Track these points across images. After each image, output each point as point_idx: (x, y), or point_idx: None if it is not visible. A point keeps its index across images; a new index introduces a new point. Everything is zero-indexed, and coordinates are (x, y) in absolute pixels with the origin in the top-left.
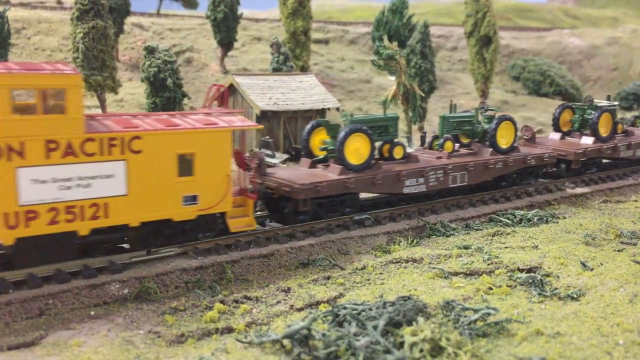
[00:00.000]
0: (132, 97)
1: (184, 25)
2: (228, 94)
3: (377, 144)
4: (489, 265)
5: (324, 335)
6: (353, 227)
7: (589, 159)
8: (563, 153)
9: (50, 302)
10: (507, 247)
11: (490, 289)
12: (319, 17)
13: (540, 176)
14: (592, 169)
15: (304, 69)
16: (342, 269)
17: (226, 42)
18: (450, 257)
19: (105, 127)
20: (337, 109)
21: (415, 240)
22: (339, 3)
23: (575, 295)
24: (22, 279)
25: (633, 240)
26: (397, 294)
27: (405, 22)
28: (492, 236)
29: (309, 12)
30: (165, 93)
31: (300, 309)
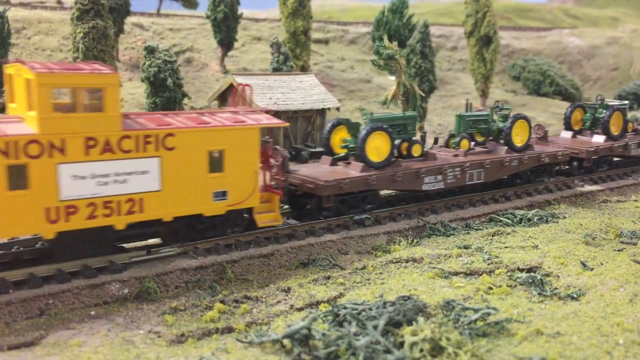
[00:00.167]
0: (132, 97)
1: (184, 25)
2: (252, 91)
3: (396, 142)
4: (489, 265)
5: (324, 335)
6: (353, 227)
7: (601, 157)
8: (575, 151)
9: (51, 302)
10: (507, 247)
11: (491, 288)
12: (319, 17)
13: (554, 174)
14: (603, 167)
15: (304, 69)
16: (342, 268)
17: (226, 42)
18: (450, 256)
19: (140, 125)
20: (337, 109)
21: (415, 240)
22: (339, 3)
23: (575, 295)
24: (22, 279)
25: (633, 240)
26: (397, 294)
27: (405, 22)
28: (492, 236)
29: (309, 12)
30: (166, 93)
31: (300, 309)
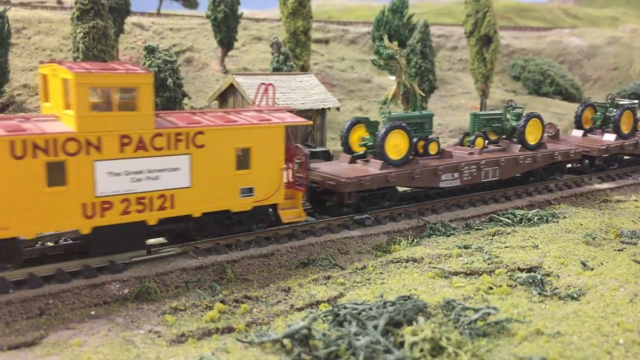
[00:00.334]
0: None
1: (184, 25)
2: (275, 91)
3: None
4: (489, 264)
5: (324, 335)
6: (353, 226)
7: (612, 155)
8: (587, 149)
9: (51, 301)
10: (507, 247)
11: (491, 288)
12: (319, 16)
13: (566, 172)
14: (614, 165)
15: (304, 69)
16: (343, 268)
17: (226, 41)
18: (450, 256)
19: (171, 123)
20: (337, 108)
21: (415, 240)
22: (339, 3)
23: (575, 295)
24: (22, 279)
25: (633, 239)
26: (398, 294)
27: (405, 21)
28: (493, 236)
29: (309, 12)
30: (166, 93)
31: (300, 309)
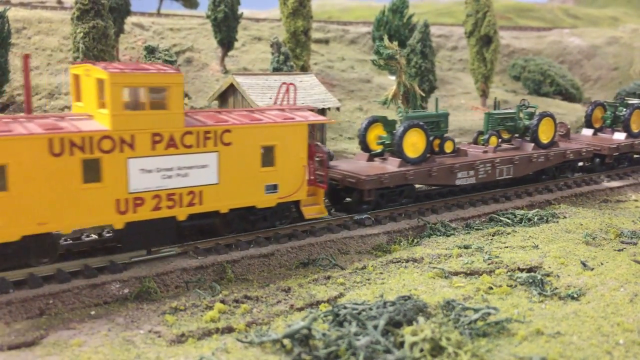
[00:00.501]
0: None
1: (184, 25)
2: (296, 90)
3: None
4: (489, 264)
5: (324, 335)
6: (353, 226)
7: (622, 154)
8: (598, 148)
9: (51, 301)
10: (507, 247)
11: (491, 288)
12: (319, 16)
13: (577, 170)
14: (624, 163)
15: (304, 69)
16: (343, 268)
17: (226, 41)
18: (450, 256)
19: (199, 122)
20: (337, 108)
21: (415, 240)
22: (339, 3)
23: (575, 295)
24: (22, 279)
25: (633, 239)
26: (398, 294)
27: (405, 21)
28: (493, 236)
29: (309, 12)
30: None
31: (300, 309)
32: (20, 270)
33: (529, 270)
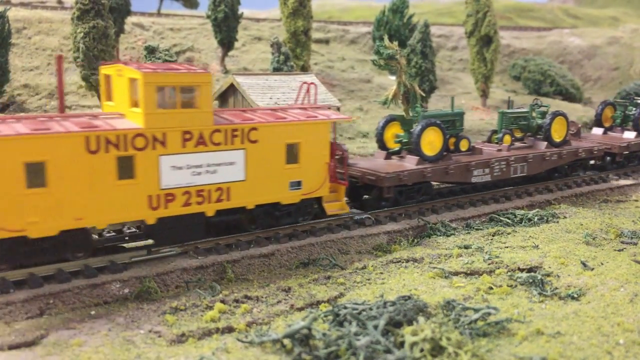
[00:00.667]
0: None
1: (184, 25)
2: (317, 90)
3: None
4: (489, 264)
5: (324, 334)
6: (353, 226)
7: (632, 153)
8: (609, 146)
9: (51, 301)
10: (507, 247)
11: (491, 288)
12: (320, 16)
13: (589, 168)
14: (634, 161)
15: (305, 69)
16: (343, 268)
17: (227, 41)
18: (450, 256)
19: (227, 120)
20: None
21: (415, 240)
22: (339, 3)
23: (575, 295)
24: (22, 279)
25: (633, 239)
26: (398, 294)
27: (405, 21)
28: (493, 236)
29: (309, 12)
30: None
31: (300, 309)
32: (20, 270)
33: (529, 270)
